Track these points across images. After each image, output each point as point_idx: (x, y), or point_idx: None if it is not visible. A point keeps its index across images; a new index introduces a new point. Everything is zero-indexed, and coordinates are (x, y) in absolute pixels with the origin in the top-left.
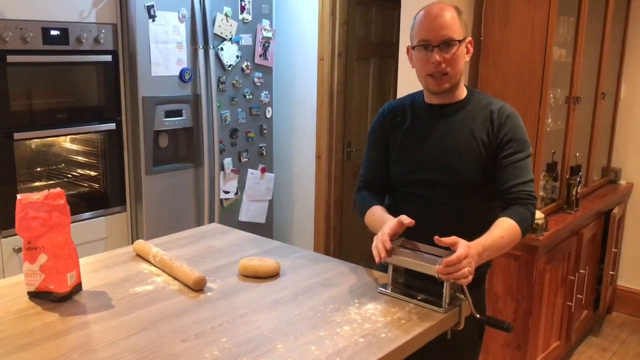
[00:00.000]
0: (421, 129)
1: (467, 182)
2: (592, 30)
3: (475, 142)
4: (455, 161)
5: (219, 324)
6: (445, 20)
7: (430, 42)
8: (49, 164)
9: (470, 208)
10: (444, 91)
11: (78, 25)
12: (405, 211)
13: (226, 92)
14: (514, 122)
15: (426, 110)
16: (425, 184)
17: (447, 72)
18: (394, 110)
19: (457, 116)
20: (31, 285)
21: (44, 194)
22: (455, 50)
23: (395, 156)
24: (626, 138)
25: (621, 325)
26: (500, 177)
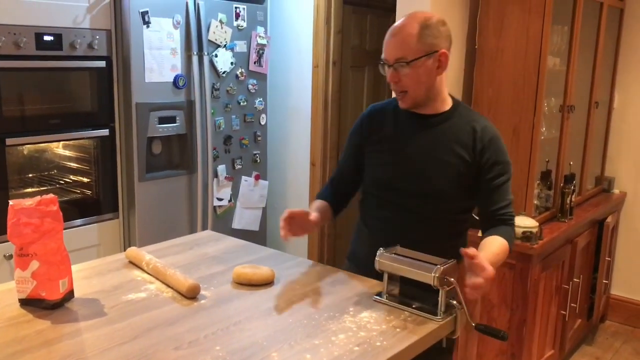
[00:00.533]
0: (402, 136)
1: (441, 195)
2: (585, 40)
3: (455, 157)
4: (432, 173)
5: (213, 332)
6: (400, 39)
7: (386, 61)
8: (41, 170)
9: (441, 219)
10: (407, 108)
11: (72, 30)
12: (378, 214)
13: (220, 98)
14: (497, 144)
15: (408, 118)
16: (399, 192)
17: (404, 89)
18: (375, 115)
19: (439, 128)
20: (22, 292)
21: (36, 200)
22: (408, 71)
23: (373, 160)
24: (619, 147)
25: (615, 334)
26: (486, 200)
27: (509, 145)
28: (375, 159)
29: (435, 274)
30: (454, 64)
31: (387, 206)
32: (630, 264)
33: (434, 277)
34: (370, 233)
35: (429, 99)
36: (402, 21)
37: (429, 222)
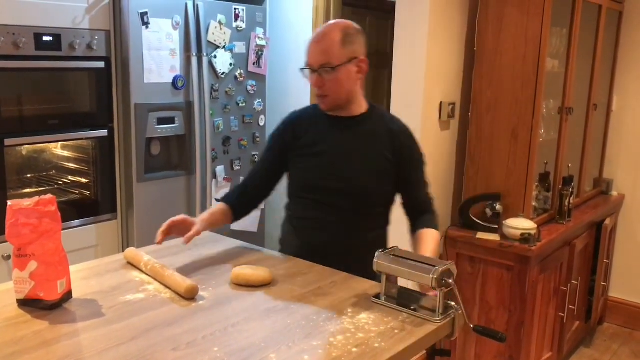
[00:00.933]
0: (323, 139)
1: (365, 192)
2: (584, 42)
3: (376, 155)
4: (356, 172)
5: (211, 333)
6: (324, 45)
7: (311, 66)
8: (39, 170)
9: (366, 214)
10: (328, 110)
11: (71, 31)
12: (306, 215)
13: (219, 99)
14: (413, 141)
15: (329, 122)
16: (326, 192)
17: (327, 94)
18: (297, 121)
19: (358, 129)
20: (20, 292)
21: (34, 201)
22: (333, 76)
23: (299, 164)
24: (618, 149)
25: (613, 337)
26: (411, 192)
27: (507, 147)
28: (300, 163)
29: (433, 275)
30: (454, 64)
31: (314, 207)
32: (628, 266)
33: (432, 278)
34: (297, 233)
35: (349, 102)
36: (324, 28)
37: (355, 218)
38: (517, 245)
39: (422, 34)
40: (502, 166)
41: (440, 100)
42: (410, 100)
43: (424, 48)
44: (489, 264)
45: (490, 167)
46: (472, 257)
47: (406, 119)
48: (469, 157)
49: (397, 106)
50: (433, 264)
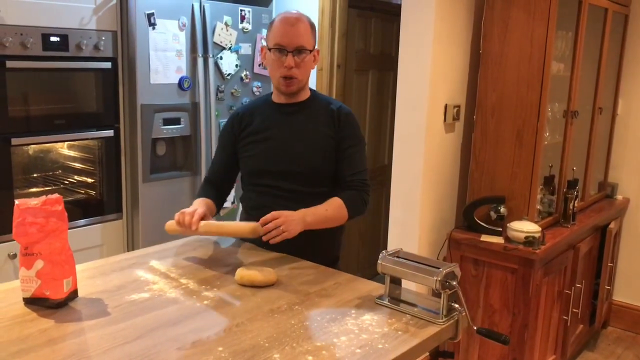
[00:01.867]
0: (269, 125)
1: (315, 171)
2: (590, 45)
3: (321, 135)
4: (304, 152)
5: (216, 333)
6: (299, 29)
7: (285, 47)
8: (45, 170)
9: (316, 194)
10: (291, 92)
11: (78, 32)
12: (259, 202)
13: (225, 101)
14: (351, 120)
15: (274, 109)
16: (275, 175)
17: (296, 76)
18: (243, 114)
19: (302, 113)
20: (27, 291)
21: (41, 200)
22: (305, 58)
23: (246, 152)
24: (623, 153)
25: (616, 341)
26: (339, 169)
27: (512, 150)
28: (248, 151)
29: (437, 277)
30: (459, 67)
31: (265, 192)
32: (632, 270)
33: (436, 280)
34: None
35: (302, 88)
36: (293, 14)
37: (305, 199)
38: (521, 248)
39: (428, 37)
40: (506, 169)
41: (445, 102)
42: (415, 102)
43: (430, 50)
44: (492, 267)
45: (495, 169)
46: (476, 260)
47: (411, 121)
48: (474, 159)
49: (402, 108)
50: (437, 266)
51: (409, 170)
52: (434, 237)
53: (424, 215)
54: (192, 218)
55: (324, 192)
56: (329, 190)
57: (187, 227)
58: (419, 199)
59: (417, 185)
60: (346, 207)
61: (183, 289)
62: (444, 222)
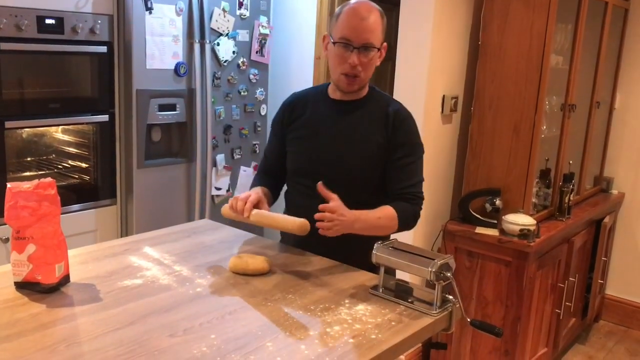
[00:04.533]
0: (319, 121)
1: (359, 178)
2: (589, 39)
3: (370, 140)
4: (349, 157)
5: (208, 321)
6: (370, 24)
7: (351, 43)
8: (39, 154)
9: (360, 202)
10: (353, 91)
11: (74, 15)
12: (297, 202)
13: (221, 87)
14: (408, 126)
15: (328, 105)
16: (315, 177)
17: (359, 74)
18: (296, 103)
19: (356, 113)
20: (18, 275)
21: (34, 184)
22: (372, 56)
23: (292, 147)
24: (619, 148)
25: (608, 334)
26: (391, 178)
27: (509, 142)
28: (294, 146)
29: (432, 268)
30: (457, 58)
31: (303, 192)
32: (626, 265)
33: (431, 271)
34: None
35: (363, 87)
36: (365, 6)
37: (348, 206)
38: (516, 241)
39: (427, 27)
40: (503, 161)
41: (443, 93)
42: (413, 93)
43: (428, 41)
44: (487, 259)
45: (491, 162)
46: (471, 252)
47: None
48: (470, 151)
49: (399, 98)
50: (432, 257)
51: None
52: (429, 228)
53: None
54: (245, 205)
55: (366, 201)
56: (373, 199)
57: (240, 213)
58: None
59: None
60: (398, 220)
61: (176, 276)
62: (439, 213)
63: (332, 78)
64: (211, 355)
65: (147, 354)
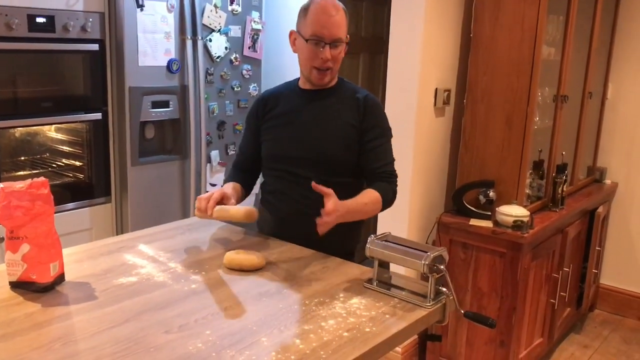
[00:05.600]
0: (292, 110)
1: (334, 160)
2: (581, 30)
3: (343, 123)
4: (323, 140)
5: (203, 317)
6: (338, 20)
7: (323, 39)
8: (33, 153)
9: (336, 184)
10: (324, 84)
11: (65, 13)
12: (275, 187)
13: (214, 83)
14: (378, 110)
15: (299, 95)
16: (294, 161)
17: (331, 67)
18: (268, 98)
19: (327, 100)
20: (13, 275)
21: (27, 183)
22: (341, 49)
23: (267, 136)
24: (612, 138)
25: (603, 323)
26: (367, 159)
27: (502, 134)
28: (269, 134)
29: (425, 261)
30: (449, 51)
31: (281, 177)
32: (620, 254)
33: (424, 264)
34: (269, 207)
35: (333, 78)
36: (330, 2)
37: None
38: (510, 232)
39: (418, 20)
40: (496, 153)
41: (436, 86)
42: (405, 86)
43: (420, 34)
44: (481, 251)
45: (485, 154)
46: (465, 244)
47: (401, 104)
48: (463, 144)
49: (392, 92)
50: (425, 250)
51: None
52: (424, 221)
53: (413, 199)
54: (208, 203)
55: (343, 182)
56: (349, 180)
57: (203, 212)
58: (408, 183)
59: (407, 170)
60: (382, 201)
61: (171, 273)
62: (433, 206)
63: (304, 72)
64: (206, 352)
65: (143, 351)
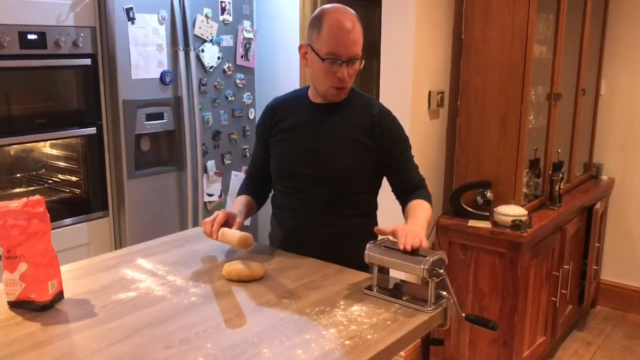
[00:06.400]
0: (302, 125)
1: (344, 177)
2: (571, 27)
3: (355, 140)
4: (334, 157)
5: (204, 330)
6: (355, 36)
7: (340, 58)
8: (28, 169)
9: (344, 201)
10: (339, 100)
11: (56, 28)
12: (284, 203)
13: (208, 94)
14: (395, 123)
15: (309, 108)
16: (303, 178)
17: (348, 85)
18: (276, 108)
19: (338, 115)
20: (11, 294)
21: (22, 202)
22: (354, 67)
23: (275, 150)
24: (607, 133)
25: (605, 319)
26: (398, 175)
27: (497, 134)
28: (278, 149)
29: (424, 266)
30: (442, 53)
31: (290, 193)
32: (619, 249)
33: (423, 269)
34: (279, 223)
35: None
36: (346, 15)
37: (333, 205)
38: (509, 232)
39: (409, 24)
40: (492, 153)
41: (429, 89)
42: (398, 89)
43: (412, 37)
44: (481, 251)
45: (480, 154)
46: (464, 245)
47: (395, 108)
48: (459, 145)
49: (385, 95)
50: (424, 254)
51: None
52: None
53: None
54: (212, 227)
55: (354, 200)
56: (361, 197)
57: (209, 236)
58: None
59: None
60: (431, 207)
61: (170, 286)
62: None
63: (319, 90)
64: None
65: None
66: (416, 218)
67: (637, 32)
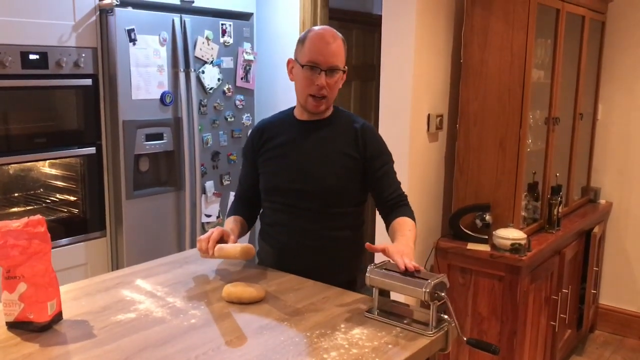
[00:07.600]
0: (289, 142)
1: (332, 191)
2: (569, 52)
3: (341, 154)
4: (321, 171)
5: (204, 352)
6: (335, 48)
7: (319, 65)
8: (27, 189)
9: (336, 214)
10: (319, 112)
11: (58, 49)
12: (274, 220)
13: (208, 115)
14: (377, 138)
15: (295, 126)
16: (292, 193)
17: (326, 95)
18: (264, 129)
19: (323, 130)
20: (10, 315)
21: (23, 222)
22: (337, 78)
23: (265, 168)
24: (604, 157)
25: (604, 344)
26: (380, 187)
27: (495, 158)
28: (266, 167)
29: (425, 289)
30: (441, 77)
31: (280, 209)
32: (617, 274)
33: (425, 292)
34: (268, 240)
35: (329, 107)
36: (328, 31)
37: (321, 219)
38: (508, 256)
39: (409, 47)
40: (490, 177)
41: (428, 112)
42: (398, 112)
43: (411, 61)
44: (480, 275)
45: (479, 178)
46: (463, 268)
47: (394, 130)
48: (458, 168)
49: (385, 118)
50: (425, 277)
51: None
52: (421, 246)
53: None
54: (208, 244)
55: (342, 212)
56: (348, 210)
57: (205, 252)
58: None
59: None
60: (415, 223)
61: (170, 308)
62: (430, 231)
63: (299, 100)
64: None
65: None
66: (404, 237)
67: (633, 58)
